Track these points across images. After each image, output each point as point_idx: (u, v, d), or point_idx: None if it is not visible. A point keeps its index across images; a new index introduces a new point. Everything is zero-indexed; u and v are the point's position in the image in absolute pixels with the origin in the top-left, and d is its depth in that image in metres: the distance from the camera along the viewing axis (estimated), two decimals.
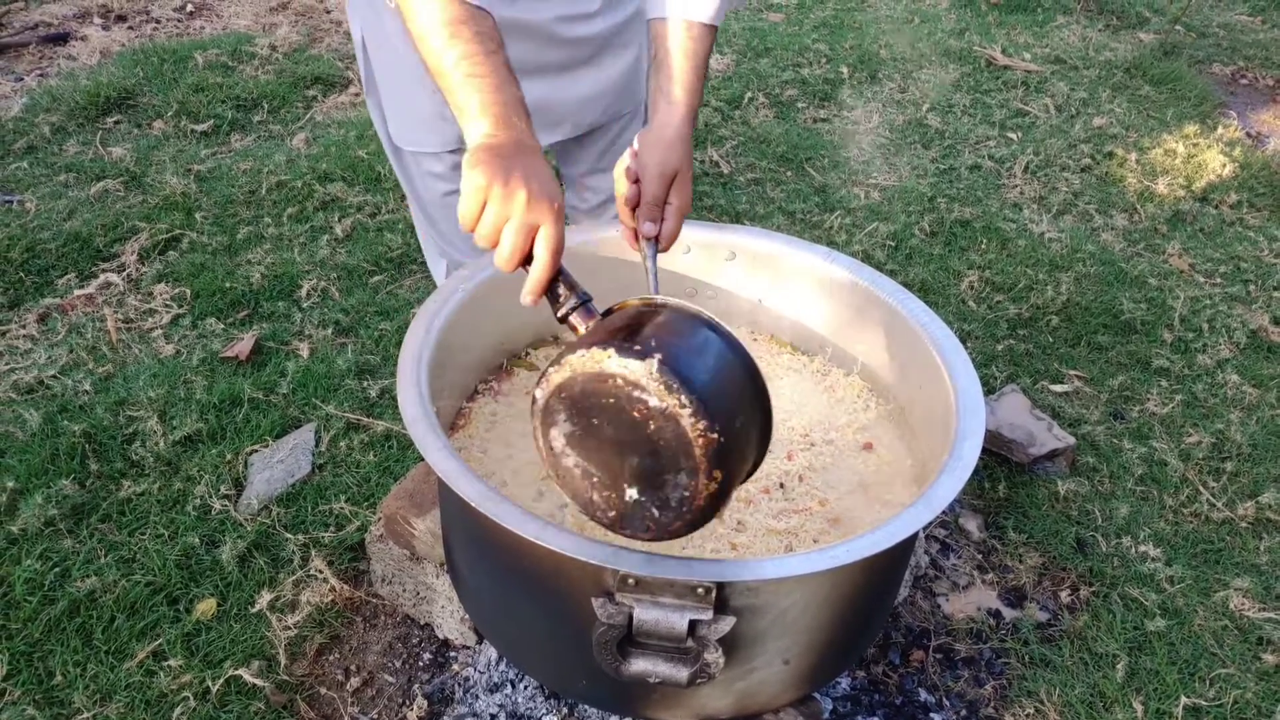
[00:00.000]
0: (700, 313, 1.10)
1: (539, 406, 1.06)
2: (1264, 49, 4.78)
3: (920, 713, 1.78)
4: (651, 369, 0.98)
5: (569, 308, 1.11)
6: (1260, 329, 2.81)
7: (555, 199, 1.09)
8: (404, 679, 1.81)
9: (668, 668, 1.13)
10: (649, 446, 1.01)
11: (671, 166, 1.35)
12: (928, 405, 1.45)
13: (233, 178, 3.21)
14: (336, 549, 1.99)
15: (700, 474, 1.00)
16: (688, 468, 1.00)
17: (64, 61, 3.99)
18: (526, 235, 1.07)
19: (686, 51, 1.40)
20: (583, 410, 1.03)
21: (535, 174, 1.09)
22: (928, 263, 3.03)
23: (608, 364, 1.00)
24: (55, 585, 1.88)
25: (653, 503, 1.04)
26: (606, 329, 1.07)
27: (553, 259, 1.08)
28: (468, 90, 1.16)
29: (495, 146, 1.11)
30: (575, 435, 1.05)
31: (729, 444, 1.01)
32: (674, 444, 0.99)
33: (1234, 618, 1.98)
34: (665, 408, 0.98)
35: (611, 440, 1.03)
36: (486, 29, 1.20)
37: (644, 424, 1.00)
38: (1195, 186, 3.52)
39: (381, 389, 2.39)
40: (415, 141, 1.78)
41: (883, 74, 4.22)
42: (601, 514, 1.09)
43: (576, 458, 1.06)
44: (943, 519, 2.16)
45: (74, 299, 2.66)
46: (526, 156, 1.11)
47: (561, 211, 1.09)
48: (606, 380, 1.00)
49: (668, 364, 0.98)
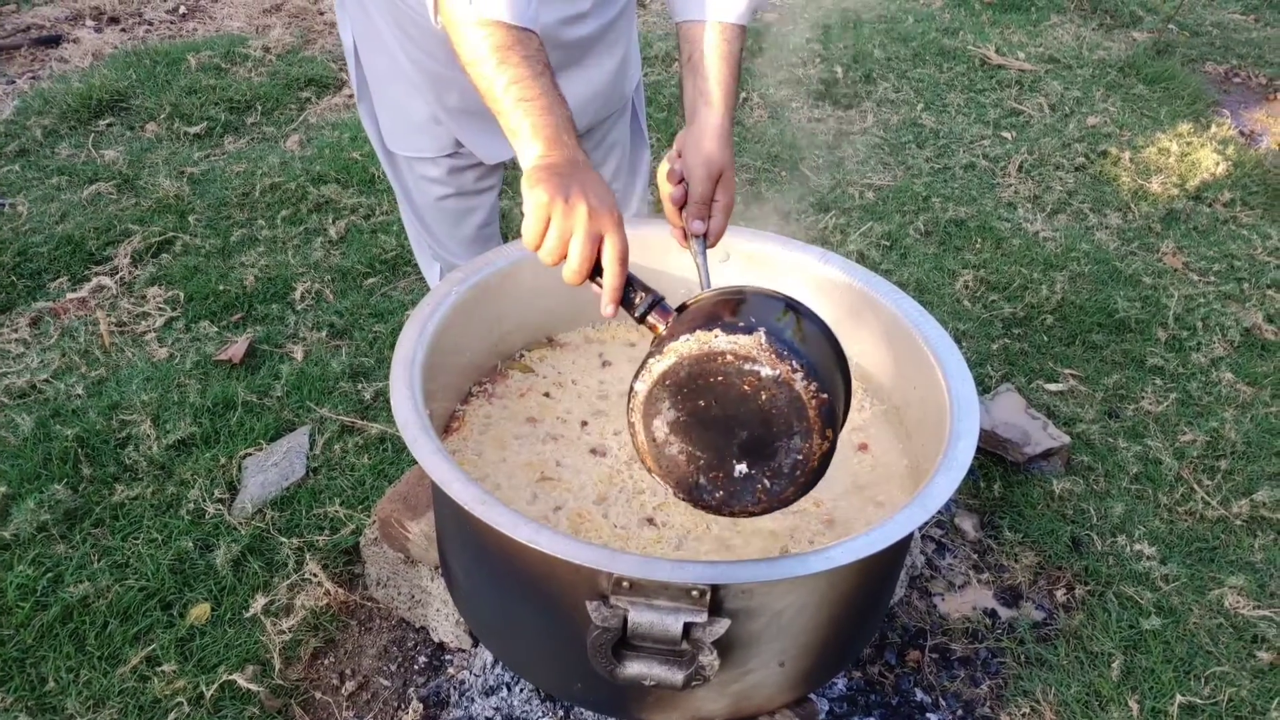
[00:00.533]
0: (777, 292, 1.18)
1: (639, 399, 1.09)
2: (1257, 48, 4.79)
3: (917, 713, 1.78)
4: (761, 340, 1.04)
5: (645, 307, 1.16)
6: (1254, 327, 2.82)
7: (615, 210, 1.13)
8: (399, 683, 1.80)
9: (663, 670, 1.13)
10: (760, 417, 1.06)
11: (716, 166, 1.39)
12: (922, 405, 1.45)
13: (226, 180, 3.20)
14: (331, 552, 1.98)
15: (814, 434, 1.05)
16: (801, 430, 1.05)
17: (56, 64, 3.98)
18: (593, 246, 1.11)
19: (721, 53, 1.43)
20: (689, 394, 1.07)
21: (593, 188, 1.13)
22: (922, 262, 3.03)
23: (715, 342, 1.05)
24: (48, 590, 1.87)
25: (764, 473, 1.08)
26: (698, 316, 1.12)
27: (621, 266, 1.13)
28: (519, 114, 1.19)
29: (551, 166, 1.15)
30: (679, 422, 1.09)
31: (834, 404, 1.07)
32: (787, 410, 1.04)
33: (1229, 616, 1.98)
34: (778, 375, 1.03)
35: (719, 418, 1.07)
36: (533, 51, 1.22)
37: (755, 395, 1.05)
38: (1189, 185, 3.52)
39: (376, 391, 2.39)
40: (410, 146, 1.78)
41: (877, 73, 4.23)
42: (709, 495, 1.11)
43: (681, 444, 1.10)
44: (938, 519, 2.16)
45: (66, 302, 2.65)
46: (582, 173, 1.15)
47: (622, 221, 1.14)
48: (716, 359, 1.05)
49: (774, 335, 1.04)
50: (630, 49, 1.79)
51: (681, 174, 1.40)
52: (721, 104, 1.42)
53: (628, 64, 1.79)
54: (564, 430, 1.53)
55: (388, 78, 1.71)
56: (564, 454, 1.48)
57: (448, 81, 1.65)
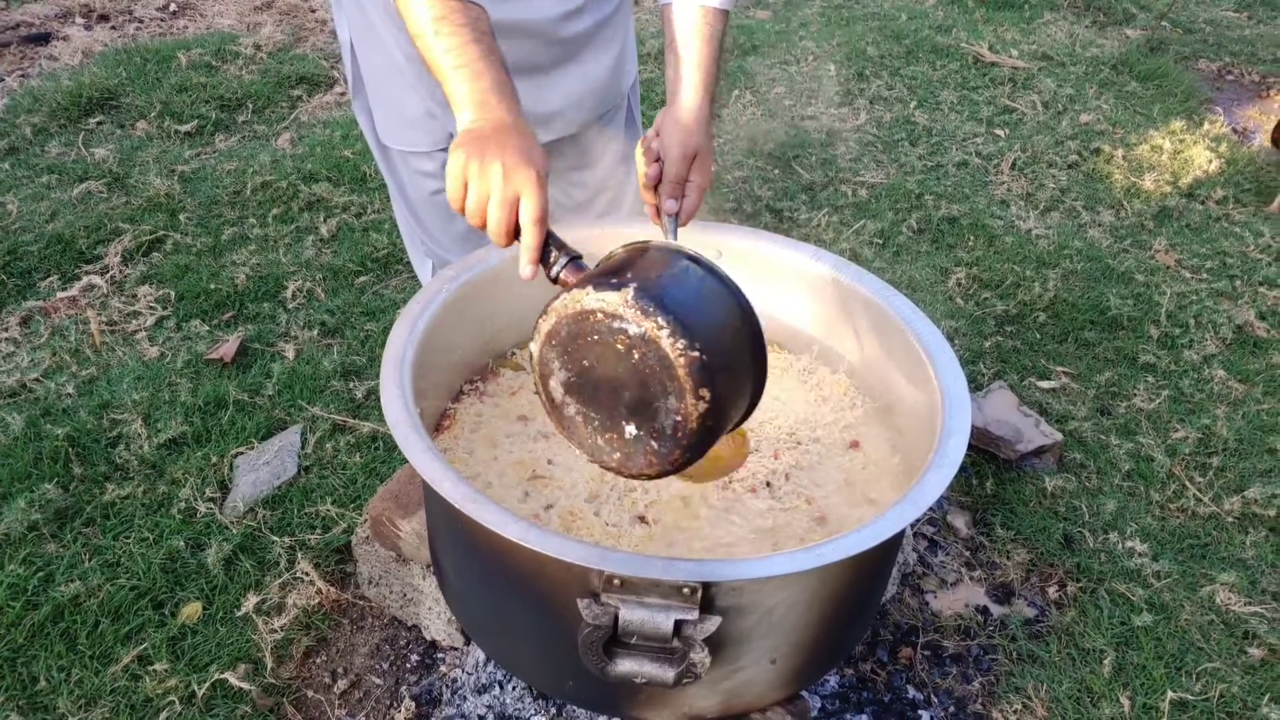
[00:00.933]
0: (682, 248, 1.12)
1: (535, 360, 1.08)
2: (1250, 45, 4.80)
3: (909, 710, 1.78)
4: (627, 297, 1.00)
5: (559, 267, 1.13)
6: (1246, 324, 2.82)
7: (534, 168, 1.12)
8: (391, 681, 1.80)
9: (654, 668, 1.12)
10: (637, 377, 1.02)
11: (692, 147, 1.40)
12: (914, 403, 1.45)
13: (217, 178, 3.19)
14: (323, 551, 1.98)
15: (687, 395, 1.01)
16: (674, 390, 1.01)
17: (46, 62, 3.96)
18: (509, 208, 1.11)
19: (703, 36, 1.44)
20: (573, 354, 1.05)
21: (513, 148, 1.12)
22: (915, 260, 3.04)
23: (586, 300, 1.02)
24: (39, 590, 1.86)
25: (650, 435, 1.05)
26: (590, 274, 1.09)
27: (537, 227, 1.11)
28: (454, 82, 1.21)
29: (474, 130, 1.16)
30: (572, 382, 1.07)
31: (713, 362, 1.01)
32: (658, 368, 1.01)
33: (1220, 612, 1.98)
34: (644, 332, 1.00)
35: (604, 379, 1.05)
36: (471, 19, 1.23)
37: (629, 354, 1.01)
38: (1181, 182, 3.53)
39: (368, 390, 2.38)
40: (404, 141, 1.77)
41: (870, 71, 4.23)
42: (608, 458, 1.10)
43: (576, 405, 1.08)
44: (930, 516, 2.16)
45: (57, 301, 2.64)
46: (503, 134, 1.14)
47: (542, 179, 1.12)
48: (588, 317, 1.02)
49: (643, 291, 1.00)
50: (626, 46, 1.79)
51: (659, 153, 1.41)
52: (700, 86, 1.42)
53: (624, 61, 1.79)
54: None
55: (383, 73, 1.71)
56: (555, 452, 1.48)
57: None
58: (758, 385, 1.12)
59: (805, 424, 1.56)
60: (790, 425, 1.55)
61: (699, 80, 1.43)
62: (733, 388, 1.07)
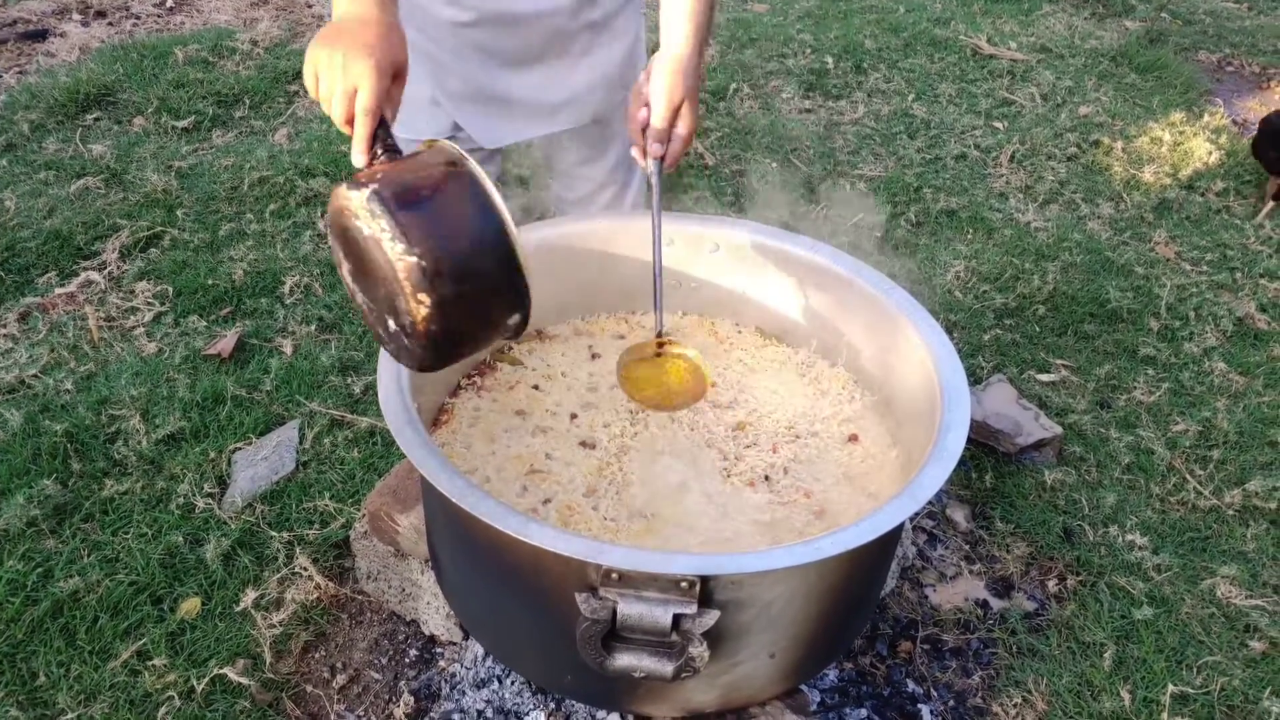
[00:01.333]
0: (452, 150, 1.11)
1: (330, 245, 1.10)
2: (1250, 36, 4.79)
3: (908, 703, 1.78)
4: (364, 197, 1.02)
5: (377, 160, 1.14)
6: (1247, 316, 2.82)
7: (374, 59, 1.13)
8: (390, 676, 1.80)
9: (652, 662, 1.12)
10: (379, 273, 1.04)
11: (678, 96, 1.40)
12: (913, 396, 1.44)
13: (214, 174, 3.18)
14: (321, 546, 1.98)
15: (408, 298, 1.02)
16: (399, 291, 1.03)
17: (43, 58, 3.95)
18: (347, 99, 1.12)
19: None
20: (345, 245, 1.08)
21: (358, 41, 1.14)
22: (914, 253, 3.03)
23: (336, 197, 1.04)
24: (38, 586, 1.86)
25: (402, 331, 1.07)
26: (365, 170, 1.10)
27: (368, 118, 1.13)
28: None
29: (336, 23, 1.18)
30: (353, 271, 1.09)
31: (435, 269, 1.02)
32: (386, 269, 1.02)
33: (1221, 605, 1.98)
34: (370, 233, 1.02)
35: (366, 273, 1.06)
36: None
37: (369, 253, 1.03)
38: (1181, 174, 3.52)
39: (365, 385, 2.38)
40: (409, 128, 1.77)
41: (868, 64, 4.22)
42: (389, 346, 1.12)
43: (361, 293, 1.11)
44: (929, 509, 2.15)
45: (55, 297, 2.64)
46: (360, 27, 1.16)
47: (380, 69, 1.13)
48: (341, 213, 1.05)
49: (380, 192, 1.02)
50: (637, 39, 1.79)
51: (647, 99, 1.42)
52: (690, 36, 1.42)
53: (634, 54, 1.79)
54: (553, 423, 1.52)
55: None
56: (553, 446, 1.48)
57: (449, 68, 1.66)
58: (512, 304, 1.11)
59: (804, 417, 1.55)
60: (789, 419, 1.55)
61: (688, 30, 1.43)
62: (464, 300, 1.07)
